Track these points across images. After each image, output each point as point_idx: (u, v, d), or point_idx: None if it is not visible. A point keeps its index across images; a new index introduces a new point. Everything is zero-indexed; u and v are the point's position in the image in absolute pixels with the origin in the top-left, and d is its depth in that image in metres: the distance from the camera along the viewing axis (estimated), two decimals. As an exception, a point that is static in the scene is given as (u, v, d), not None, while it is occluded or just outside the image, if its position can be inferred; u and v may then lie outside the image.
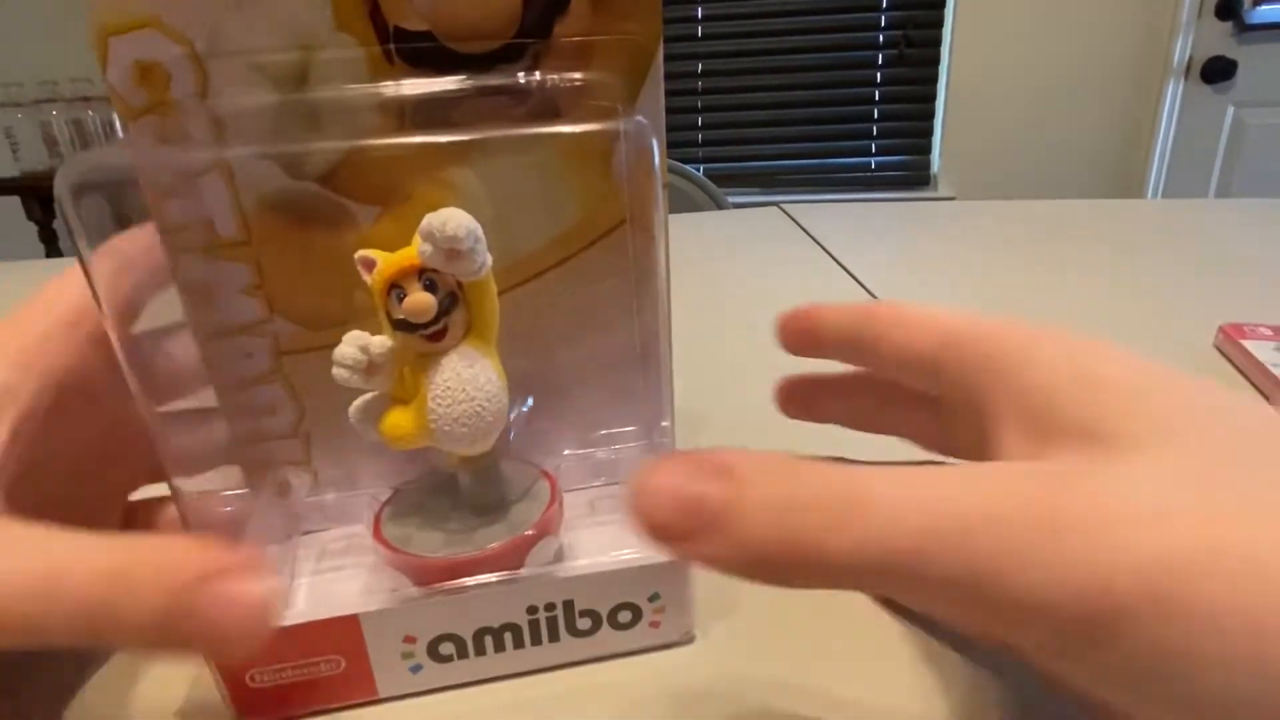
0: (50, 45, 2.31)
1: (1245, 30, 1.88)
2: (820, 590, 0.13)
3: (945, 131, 2.10)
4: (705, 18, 2.11)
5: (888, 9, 2.02)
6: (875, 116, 2.12)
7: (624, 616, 0.19)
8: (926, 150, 2.13)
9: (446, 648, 0.18)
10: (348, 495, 0.21)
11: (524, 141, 0.17)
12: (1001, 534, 0.11)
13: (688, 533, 0.12)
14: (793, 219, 0.76)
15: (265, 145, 0.16)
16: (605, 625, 0.19)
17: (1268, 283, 0.50)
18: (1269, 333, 0.38)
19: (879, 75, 2.09)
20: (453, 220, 0.15)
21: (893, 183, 2.14)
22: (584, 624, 0.19)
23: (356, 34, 0.14)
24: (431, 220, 0.15)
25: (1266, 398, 0.33)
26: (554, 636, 0.18)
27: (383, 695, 0.18)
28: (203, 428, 0.19)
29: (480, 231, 0.16)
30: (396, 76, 0.15)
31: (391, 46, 0.15)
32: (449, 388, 0.17)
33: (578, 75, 0.16)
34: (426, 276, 0.16)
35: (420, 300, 0.16)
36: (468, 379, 0.17)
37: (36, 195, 2.03)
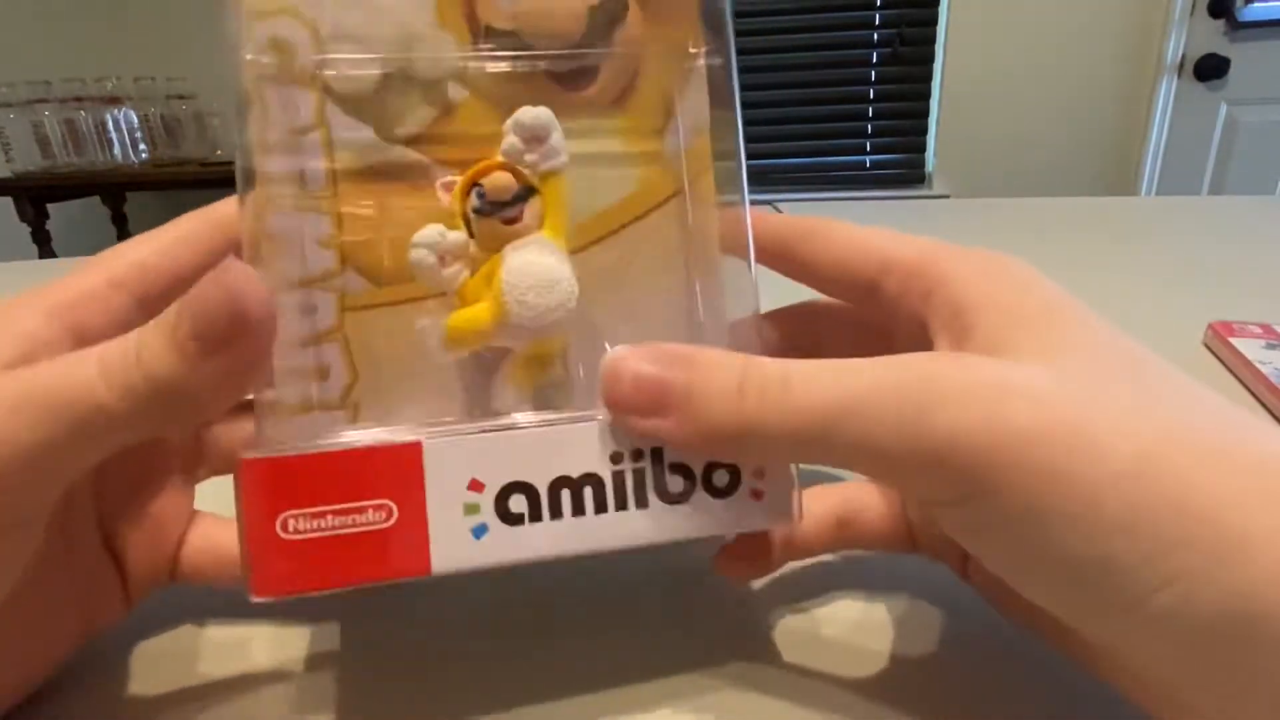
0: (43, 45, 2.30)
1: (1238, 28, 1.89)
2: None
3: (939, 130, 2.11)
4: (700, 16, 2.11)
5: (882, 7, 2.02)
6: (870, 115, 2.12)
7: (720, 478, 0.17)
8: (921, 149, 2.13)
9: (518, 503, 0.16)
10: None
11: (587, 123, 0.19)
12: (886, 406, 0.14)
13: (652, 409, 0.15)
14: (787, 218, 0.76)
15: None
16: (699, 488, 0.17)
17: (1258, 281, 0.50)
18: (1258, 330, 0.38)
19: (873, 74, 2.09)
20: (533, 110, 0.17)
21: (887, 181, 2.15)
22: (675, 484, 0.17)
23: (454, 32, 0.18)
24: (517, 113, 0.17)
25: (1255, 396, 0.33)
26: (641, 499, 0.16)
27: (437, 569, 0.15)
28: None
29: (557, 124, 0.18)
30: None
31: (481, 48, 0.18)
32: (526, 260, 0.17)
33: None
34: (506, 170, 0.18)
35: (500, 177, 0.17)
36: (546, 252, 0.17)
37: (29, 196, 2.02)
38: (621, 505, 0.16)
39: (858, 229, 0.19)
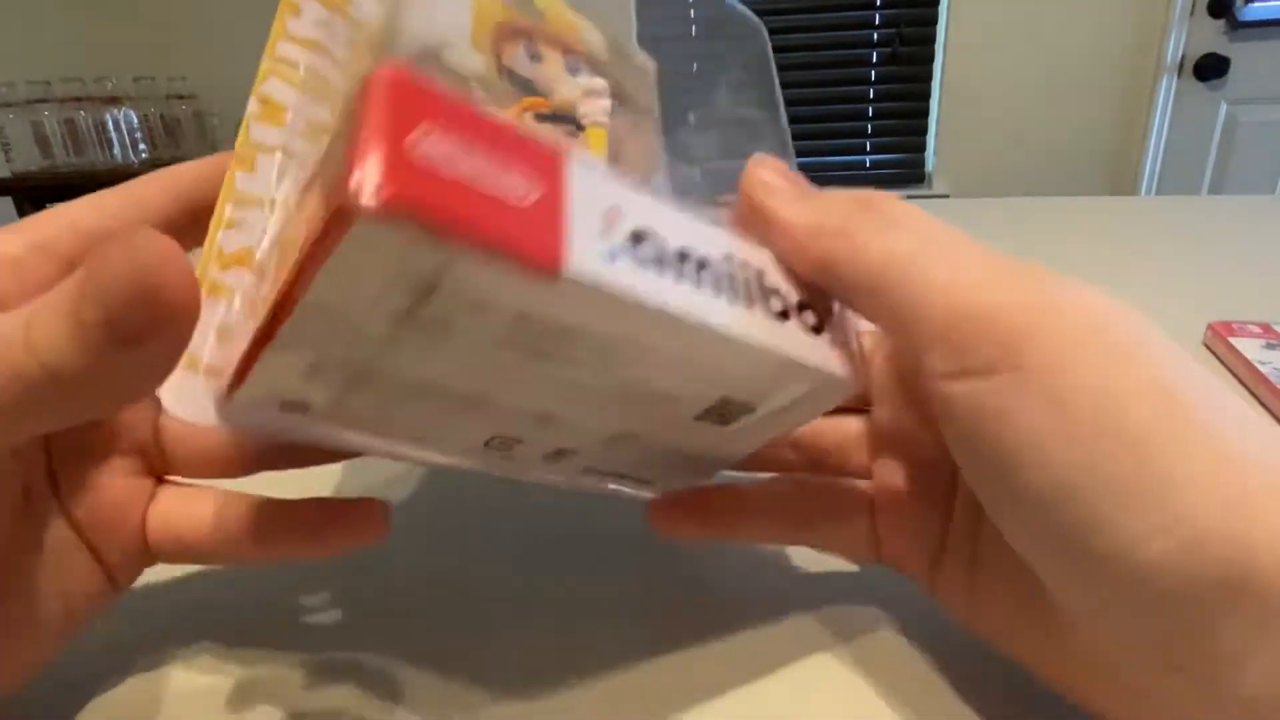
0: (42, 45, 2.30)
1: (1238, 27, 1.89)
2: None
3: (939, 129, 2.11)
4: (700, 16, 2.11)
5: (881, 7, 2.03)
6: (870, 115, 2.12)
7: (809, 318, 0.17)
8: (921, 148, 2.13)
9: (647, 250, 0.15)
10: None
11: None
12: (934, 261, 0.15)
13: (783, 197, 0.17)
14: (787, 218, 0.76)
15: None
16: (794, 317, 0.17)
17: (1258, 280, 0.50)
18: (1258, 330, 0.38)
19: (873, 74, 2.09)
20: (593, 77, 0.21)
21: (887, 181, 2.15)
22: (775, 304, 0.17)
23: (482, 56, 0.20)
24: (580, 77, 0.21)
25: (1254, 395, 0.33)
26: (750, 300, 0.17)
27: (571, 270, 0.13)
28: None
29: (609, 94, 0.21)
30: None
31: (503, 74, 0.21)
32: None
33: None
34: None
35: (563, 101, 0.20)
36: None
37: (29, 196, 2.02)
38: (734, 298, 0.16)
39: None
